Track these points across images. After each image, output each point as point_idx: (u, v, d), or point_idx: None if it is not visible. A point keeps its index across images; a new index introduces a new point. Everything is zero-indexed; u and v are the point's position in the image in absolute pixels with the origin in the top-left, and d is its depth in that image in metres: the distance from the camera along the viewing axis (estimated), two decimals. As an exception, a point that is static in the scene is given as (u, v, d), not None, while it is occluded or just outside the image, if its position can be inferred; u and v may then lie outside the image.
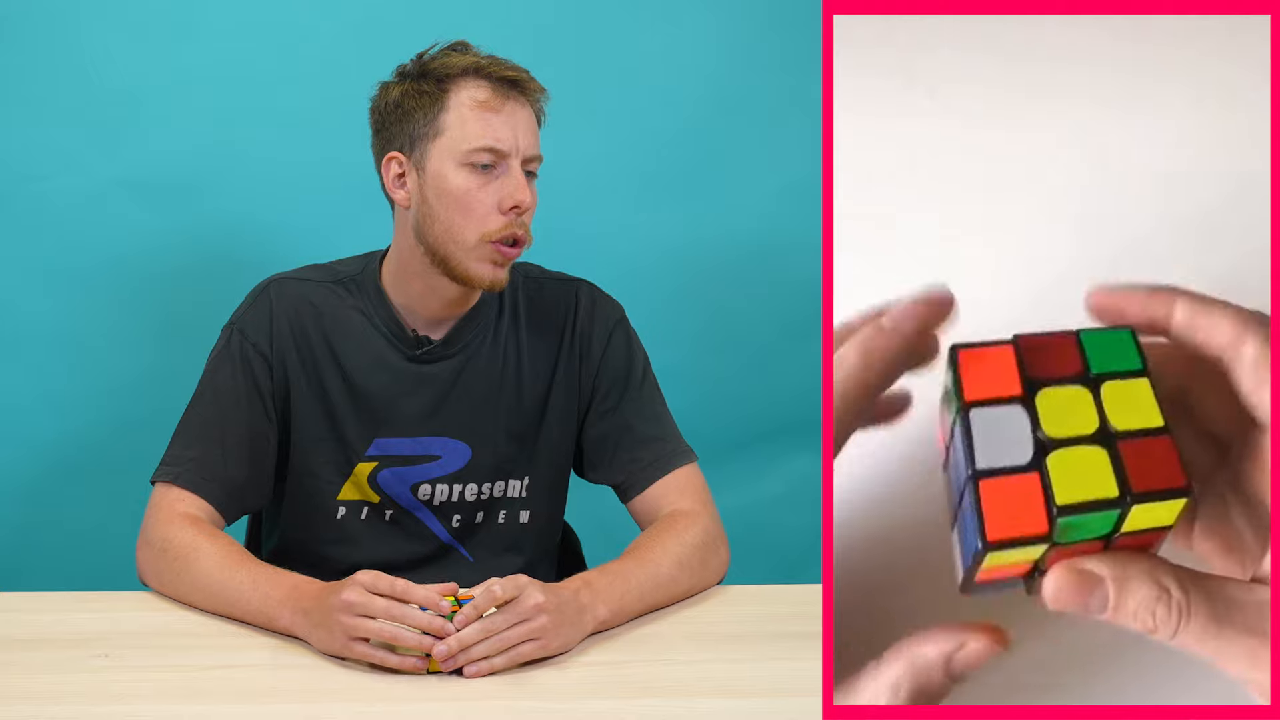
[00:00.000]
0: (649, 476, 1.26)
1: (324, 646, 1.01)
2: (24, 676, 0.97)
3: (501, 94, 1.18)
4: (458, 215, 1.18)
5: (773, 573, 1.69)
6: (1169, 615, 0.69)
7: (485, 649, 0.98)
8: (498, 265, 1.20)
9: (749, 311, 1.82)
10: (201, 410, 1.23)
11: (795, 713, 0.94)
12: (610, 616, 1.08)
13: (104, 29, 1.62)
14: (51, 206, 1.65)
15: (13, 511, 1.69)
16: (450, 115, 1.18)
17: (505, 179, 1.18)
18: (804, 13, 1.70)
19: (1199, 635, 0.68)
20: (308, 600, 1.03)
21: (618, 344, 1.31)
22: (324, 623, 1.00)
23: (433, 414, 1.26)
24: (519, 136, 1.18)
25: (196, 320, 1.44)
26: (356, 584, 0.99)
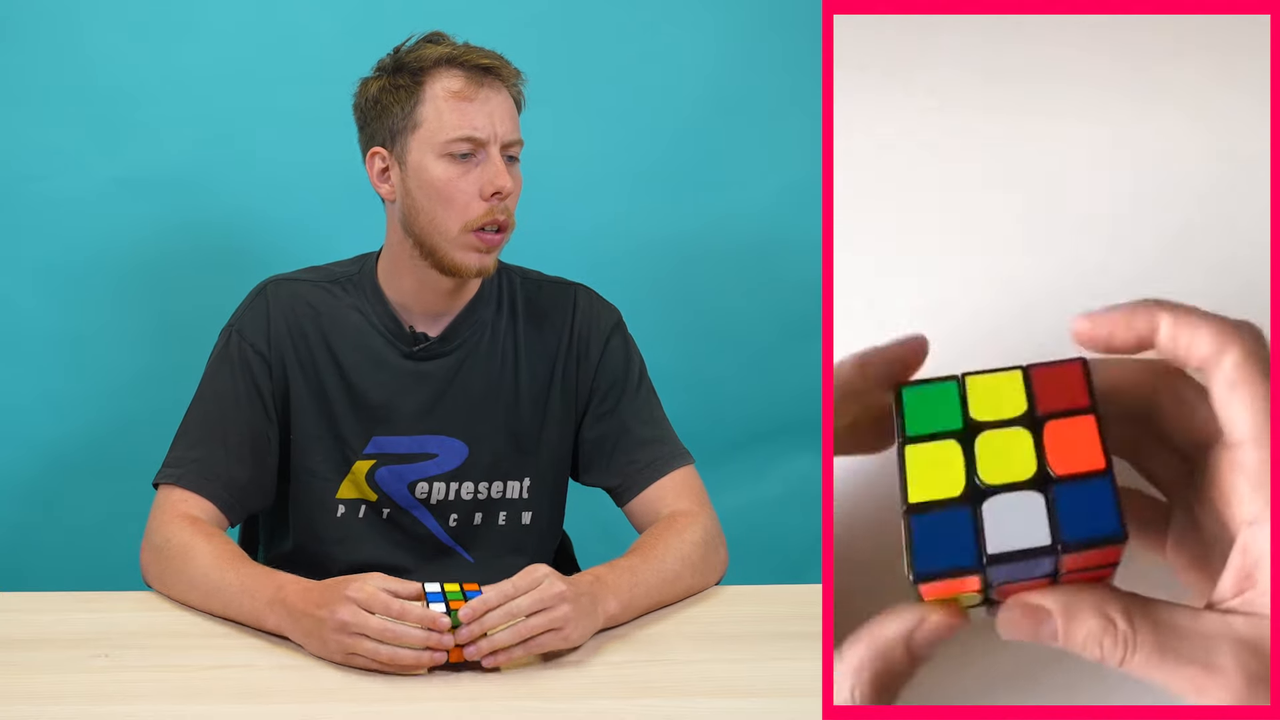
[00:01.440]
0: (646, 479, 1.26)
1: (319, 654, 1.00)
2: (24, 676, 0.97)
3: (476, 82, 1.19)
4: (440, 206, 1.19)
5: (773, 573, 1.69)
6: (1115, 646, 0.70)
7: (507, 637, 0.98)
8: (483, 252, 1.20)
9: (749, 311, 1.82)
10: (202, 412, 1.24)
11: (795, 713, 0.94)
12: (620, 612, 1.08)
13: (104, 29, 1.62)
14: (51, 206, 1.64)
15: (13, 511, 1.69)
16: (426, 107, 1.18)
17: (485, 166, 1.19)
18: (804, 13, 1.70)
19: (1144, 664, 0.70)
20: (294, 603, 1.02)
21: (615, 347, 1.31)
22: (316, 634, 0.99)
23: (430, 412, 1.26)
24: (496, 123, 1.19)
25: (196, 320, 1.45)
26: (350, 602, 0.98)
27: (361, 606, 0.97)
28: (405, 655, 0.97)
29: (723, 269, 1.81)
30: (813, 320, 1.74)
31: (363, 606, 0.97)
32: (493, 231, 1.20)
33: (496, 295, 1.30)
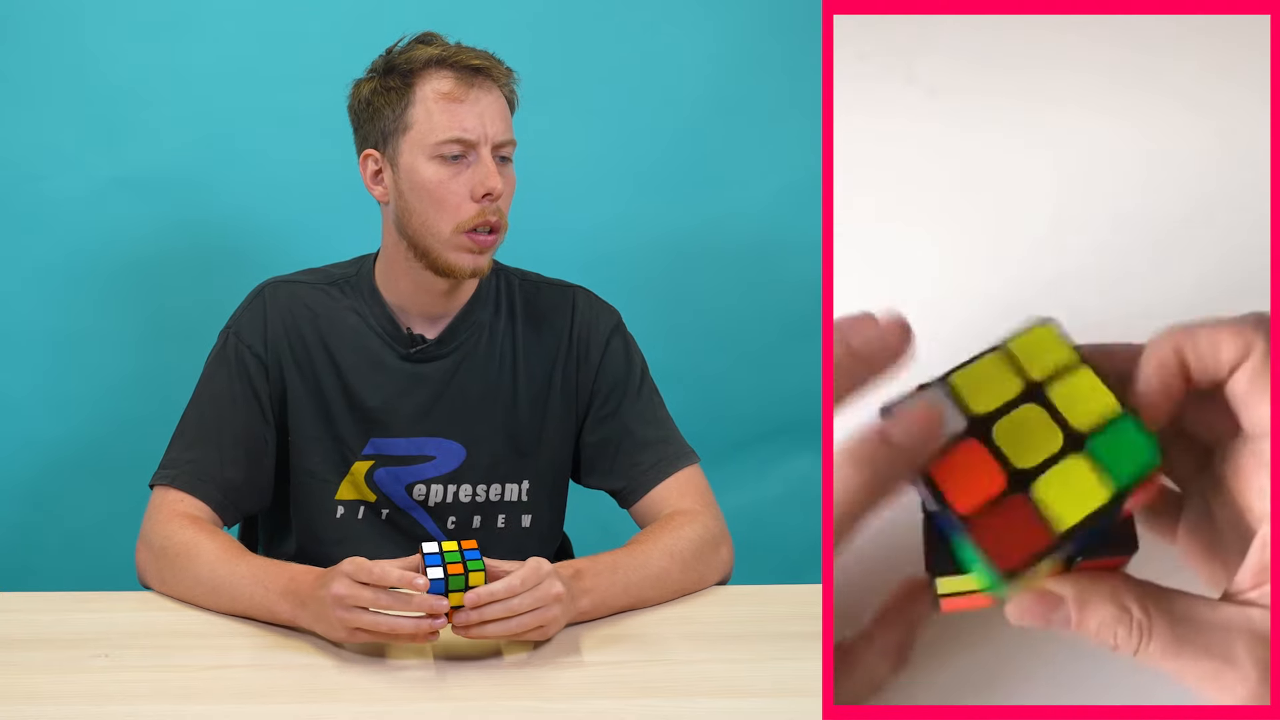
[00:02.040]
0: (651, 480, 1.26)
1: (329, 636, 1.02)
2: (24, 676, 0.97)
3: (466, 83, 1.18)
4: (431, 208, 1.18)
5: (773, 573, 1.68)
6: (1130, 635, 0.70)
7: (498, 629, 0.99)
8: (476, 254, 1.20)
9: (748, 311, 1.82)
10: (198, 413, 1.24)
11: (795, 713, 0.94)
12: (591, 609, 1.08)
13: (104, 28, 1.62)
14: (51, 206, 1.64)
15: (13, 511, 1.69)
16: (417, 109, 1.18)
17: (476, 167, 1.18)
18: (804, 13, 1.70)
19: (1160, 654, 0.70)
20: (305, 591, 1.03)
21: (615, 349, 1.31)
22: (322, 615, 1.01)
23: (427, 414, 1.26)
24: (486, 124, 1.18)
25: (196, 320, 1.44)
26: (341, 575, 0.99)
27: (352, 579, 0.99)
28: (404, 625, 0.98)
29: (722, 269, 1.81)
30: (813, 320, 1.74)
31: (353, 578, 0.99)
32: (485, 233, 1.19)
33: (495, 297, 1.30)
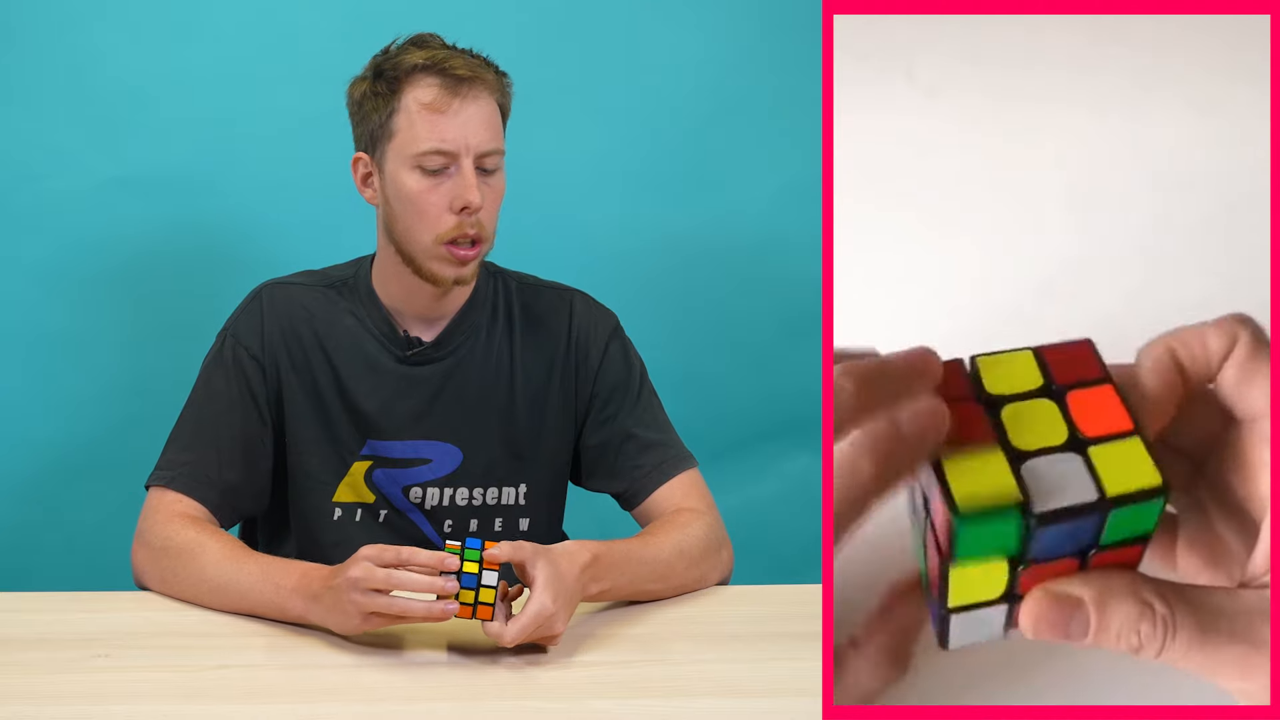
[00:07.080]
0: (653, 483, 1.26)
1: (341, 629, 1.02)
2: (24, 676, 0.97)
3: (450, 92, 1.17)
4: (413, 217, 1.18)
5: (773, 573, 1.69)
6: (1154, 632, 0.67)
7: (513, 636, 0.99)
8: (458, 265, 1.19)
9: (748, 310, 1.82)
10: (196, 415, 1.23)
11: (795, 713, 0.94)
12: (599, 595, 1.10)
13: (104, 29, 1.62)
14: (52, 206, 1.64)
15: (13, 511, 1.69)
16: (400, 117, 1.17)
17: (456, 179, 1.17)
18: (804, 13, 1.70)
19: (1185, 649, 0.67)
20: (317, 585, 1.03)
21: (614, 353, 1.31)
22: (336, 605, 1.00)
23: (423, 417, 1.26)
24: (469, 135, 1.17)
25: (196, 320, 1.44)
26: (361, 559, 0.99)
27: (373, 562, 0.99)
28: (416, 607, 0.98)
29: (722, 268, 1.81)
30: (812, 319, 1.74)
31: (374, 562, 0.99)
32: (466, 246, 1.19)
33: (492, 300, 1.30)
